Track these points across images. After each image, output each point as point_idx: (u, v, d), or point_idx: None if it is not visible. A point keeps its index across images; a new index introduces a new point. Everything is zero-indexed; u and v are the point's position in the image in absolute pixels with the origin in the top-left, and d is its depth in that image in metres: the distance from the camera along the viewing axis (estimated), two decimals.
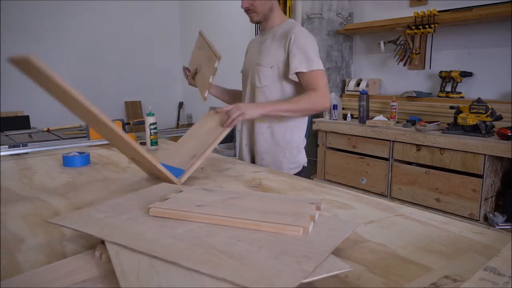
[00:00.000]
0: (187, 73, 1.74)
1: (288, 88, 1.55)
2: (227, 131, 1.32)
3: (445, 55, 3.14)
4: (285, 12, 4.11)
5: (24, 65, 0.78)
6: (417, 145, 2.73)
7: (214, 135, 1.32)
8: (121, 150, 1.23)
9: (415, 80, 3.35)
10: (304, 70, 1.45)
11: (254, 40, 1.74)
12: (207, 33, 1.71)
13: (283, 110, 1.45)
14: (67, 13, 4.77)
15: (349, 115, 3.27)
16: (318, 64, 1.46)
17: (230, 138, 4.19)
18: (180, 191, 0.91)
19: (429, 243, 0.76)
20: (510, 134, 2.33)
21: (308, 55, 1.46)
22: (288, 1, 4.05)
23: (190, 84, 1.72)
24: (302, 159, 1.67)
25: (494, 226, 2.36)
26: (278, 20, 1.58)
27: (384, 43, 3.35)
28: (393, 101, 3.16)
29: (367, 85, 3.47)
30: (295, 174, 1.56)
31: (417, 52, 3.21)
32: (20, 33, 4.48)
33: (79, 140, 1.92)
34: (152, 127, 1.74)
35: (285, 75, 1.52)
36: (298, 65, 1.46)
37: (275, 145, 1.61)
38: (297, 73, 1.48)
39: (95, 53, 5.01)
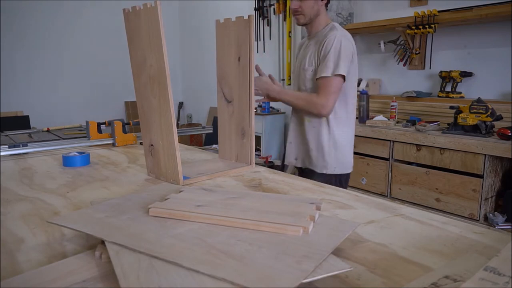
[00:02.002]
0: None
1: None
2: None
3: (445, 55, 3.14)
4: (285, 12, 4.12)
5: None
6: (417, 145, 2.73)
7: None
8: (149, 129, 1.27)
9: (415, 80, 3.35)
10: (329, 75, 1.51)
11: (302, 43, 1.80)
12: (207, 33, 1.72)
13: (286, 101, 1.61)
14: (67, 13, 4.77)
15: None
16: (339, 69, 1.51)
17: None
18: (180, 191, 0.91)
19: (429, 243, 0.76)
20: (510, 134, 2.33)
21: (335, 60, 1.50)
22: (288, 1, 4.05)
23: None
24: (347, 161, 1.71)
25: (494, 226, 2.36)
26: (323, 24, 1.63)
27: (384, 43, 3.35)
28: (393, 101, 3.16)
29: (367, 85, 3.47)
30: (340, 175, 1.65)
31: (417, 52, 3.21)
32: (20, 34, 4.48)
33: (79, 140, 1.92)
34: None
35: None
36: (323, 69, 1.52)
37: (319, 144, 1.66)
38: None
39: (95, 53, 5.01)
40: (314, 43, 1.63)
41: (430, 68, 3.21)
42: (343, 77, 1.53)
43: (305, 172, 1.74)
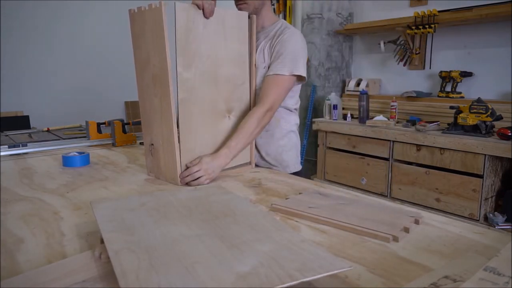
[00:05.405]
0: None
1: None
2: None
3: (445, 55, 3.14)
4: (285, 12, 4.12)
5: None
6: (417, 145, 2.73)
7: None
8: (150, 129, 1.28)
9: (415, 80, 3.35)
10: (285, 73, 1.37)
11: None
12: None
13: (242, 148, 1.32)
14: (67, 13, 4.77)
15: (349, 115, 3.27)
16: (297, 69, 1.38)
17: None
18: (300, 193, 1.06)
19: (429, 243, 0.76)
20: (510, 134, 2.33)
21: (293, 58, 1.38)
22: (288, 1, 4.05)
23: None
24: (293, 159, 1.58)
25: (494, 226, 2.36)
26: (270, 19, 1.50)
27: (384, 43, 3.35)
28: (393, 101, 3.16)
29: (367, 85, 3.47)
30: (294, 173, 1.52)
31: (417, 52, 3.21)
32: (20, 34, 4.48)
33: (79, 140, 1.92)
34: None
35: None
36: (279, 66, 1.37)
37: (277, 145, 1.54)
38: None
39: (95, 53, 5.01)
40: (264, 37, 1.47)
41: (430, 68, 3.21)
42: (298, 77, 1.42)
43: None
